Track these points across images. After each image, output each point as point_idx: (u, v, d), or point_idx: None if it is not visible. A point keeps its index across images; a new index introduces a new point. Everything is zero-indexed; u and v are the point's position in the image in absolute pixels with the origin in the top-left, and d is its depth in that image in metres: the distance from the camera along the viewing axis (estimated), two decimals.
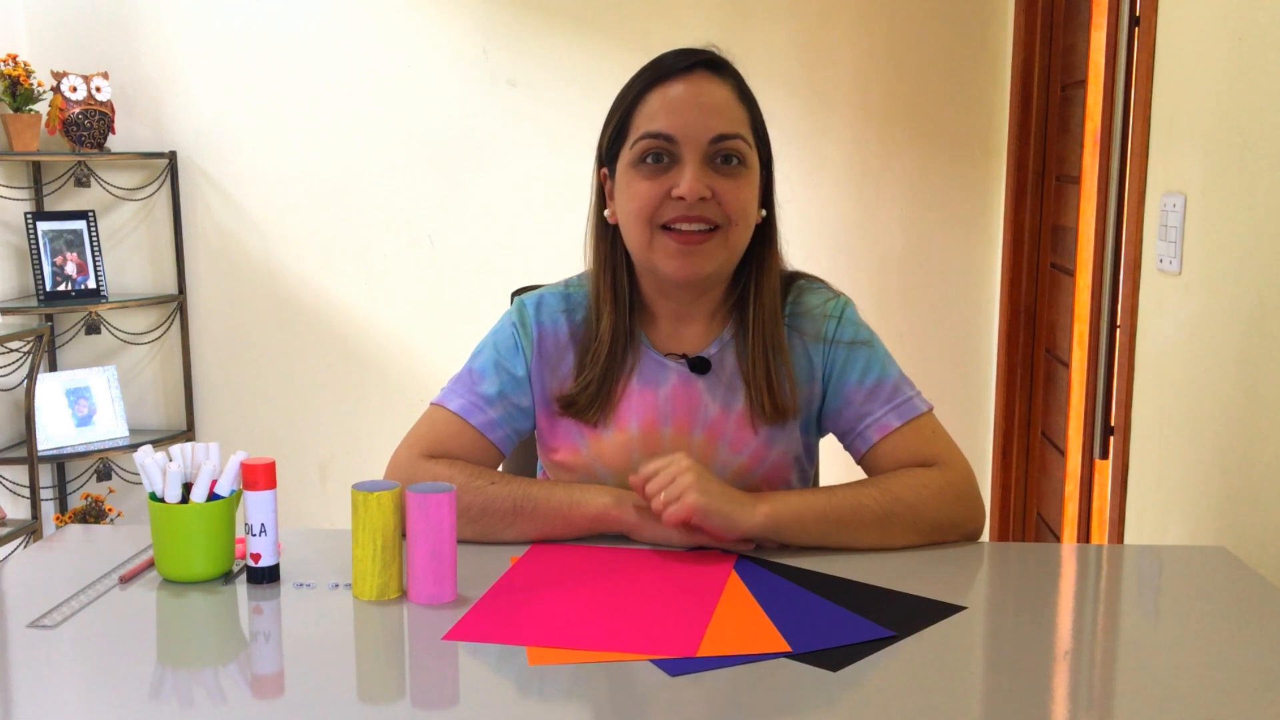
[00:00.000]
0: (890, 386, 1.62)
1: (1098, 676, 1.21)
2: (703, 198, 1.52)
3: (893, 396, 1.62)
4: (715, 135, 1.53)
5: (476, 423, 1.61)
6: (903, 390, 1.63)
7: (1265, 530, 1.65)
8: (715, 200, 1.53)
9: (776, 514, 1.49)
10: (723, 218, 1.54)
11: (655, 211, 1.54)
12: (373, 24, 3.70)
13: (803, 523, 1.50)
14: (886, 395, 1.62)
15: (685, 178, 1.51)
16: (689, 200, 1.51)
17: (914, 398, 1.63)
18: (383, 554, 1.34)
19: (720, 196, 1.53)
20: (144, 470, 1.41)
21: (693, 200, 1.51)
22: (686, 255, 1.54)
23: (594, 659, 1.19)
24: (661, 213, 1.54)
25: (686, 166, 1.52)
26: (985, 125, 3.58)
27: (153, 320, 3.90)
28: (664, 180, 1.53)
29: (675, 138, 1.52)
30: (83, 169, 3.75)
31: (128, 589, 1.40)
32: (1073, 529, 2.93)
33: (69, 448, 3.71)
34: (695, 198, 1.51)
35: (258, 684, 1.18)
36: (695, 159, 1.52)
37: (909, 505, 1.54)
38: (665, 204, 1.53)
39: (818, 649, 1.21)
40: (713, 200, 1.53)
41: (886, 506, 1.53)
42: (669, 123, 1.53)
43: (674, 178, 1.53)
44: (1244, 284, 1.74)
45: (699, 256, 1.54)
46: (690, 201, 1.51)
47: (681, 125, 1.52)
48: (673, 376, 1.64)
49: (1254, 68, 1.72)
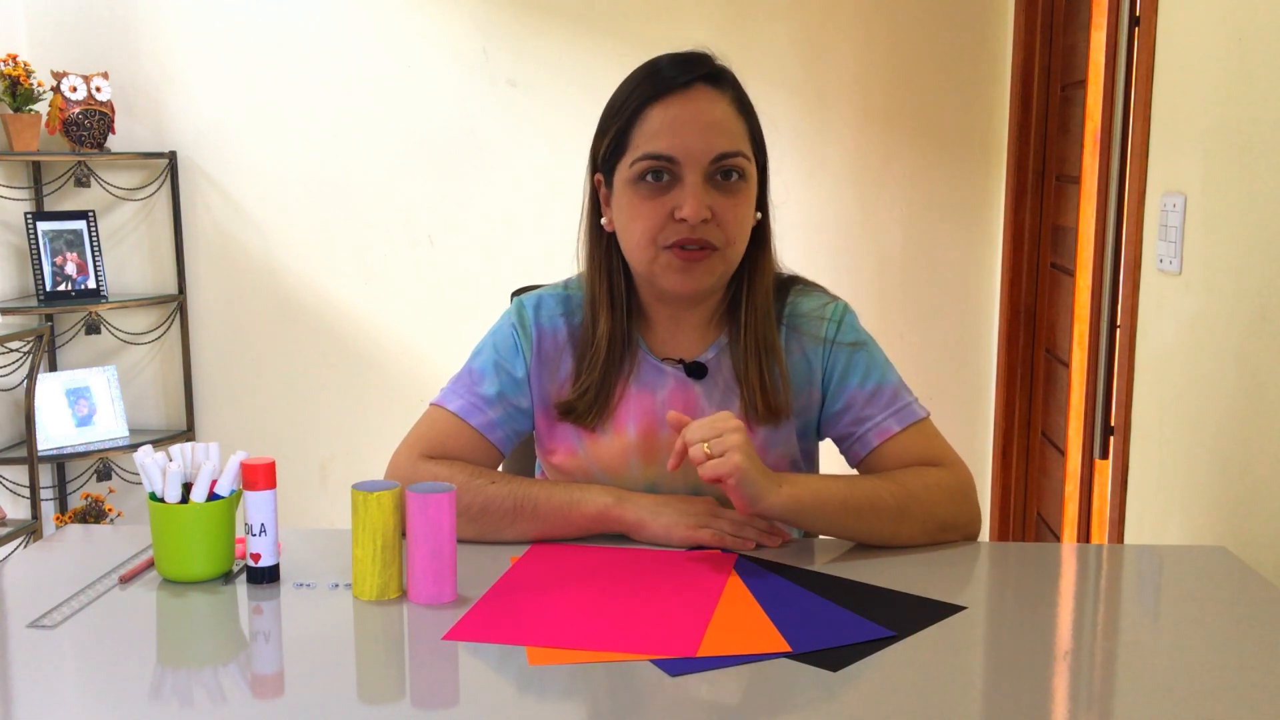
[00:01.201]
0: (890, 391, 1.63)
1: (1098, 677, 1.21)
2: (704, 220, 1.52)
3: (893, 401, 1.62)
4: (717, 155, 1.53)
5: (476, 423, 1.61)
6: (902, 395, 1.63)
7: (1266, 530, 1.65)
8: (715, 221, 1.53)
9: (798, 497, 1.49)
10: (722, 240, 1.54)
11: (659, 232, 1.54)
12: (373, 24, 3.70)
13: (822, 508, 1.50)
14: (886, 400, 1.62)
15: (687, 200, 1.51)
16: (692, 222, 1.51)
17: (912, 403, 1.63)
18: (383, 554, 1.34)
19: (719, 218, 1.53)
20: (144, 470, 1.41)
21: (695, 222, 1.51)
22: (688, 272, 1.54)
23: (594, 659, 1.19)
24: (665, 234, 1.54)
25: (688, 187, 1.52)
26: (985, 125, 3.58)
27: (153, 320, 3.90)
28: (665, 201, 1.53)
29: (677, 159, 1.52)
30: (83, 169, 3.75)
31: (128, 589, 1.40)
32: (1073, 529, 2.93)
33: (69, 448, 3.71)
34: (698, 220, 1.51)
35: (258, 684, 1.18)
36: (696, 179, 1.52)
37: (922, 502, 1.54)
38: (669, 225, 1.53)
39: (818, 649, 1.21)
40: (713, 221, 1.53)
41: (902, 501, 1.53)
42: (670, 144, 1.52)
43: (675, 198, 1.52)
44: (1244, 284, 1.73)
45: (700, 273, 1.55)
46: (693, 224, 1.51)
47: (683, 146, 1.52)
48: (670, 381, 1.64)
49: (1254, 67, 1.72)
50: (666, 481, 1.64)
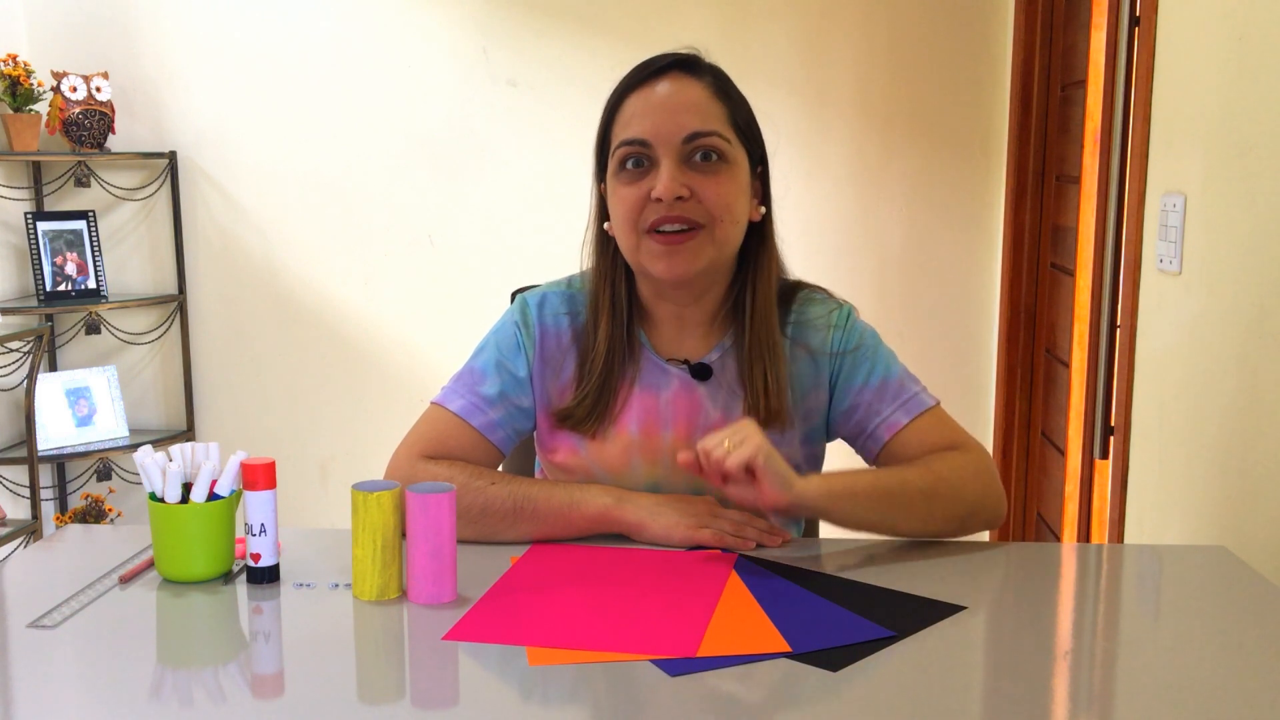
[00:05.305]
0: (895, 384, 1.62)
1: (1098, 677, 1.21)
2: (680, 197, 1.51)
3: (899, 393, 1.62)
4: (689, 134, 1.52)
5: (477, 424, 1.61)
6: (909, 387, 1.63)
7: (1266, 530, 1.65)
8: (695, 199, 1.52)
9: (830, 486, 1.49)
10: (705, 216, 1.53)
11: (639, 216, 1.54)
12: (373, 24, 3.70)
13: (854, 496, 1.50)
14: (893, 393, 1.62)
15: (661, 178, 1.51)
16: (666, 200, 1.51)
17: (920, 393, 1.63)
18: (383, 554, 1.34)
19: (700, 194, 1.52)
20: (144, 470, 1.41)
21: (669, 200, 1.51)
22: (672, 256, 1.54)
23: (594, 659, 1.19)
24: (645, 216, 1.54)
25: (662, 167, 1.52)
26: (985, 125, 3.58)
27: (153, 320, 3.90)
28: (643, 184, 1.53)
29: (649, 141, 1.53)
30: (83, 169, 3.74)
31: (128, 589, 1.40)
32: (1073, 529, 2.93)
33: (69, 448, 3.71)
34: (671, 197, 1.51)
35: (257, 684, 1.18)
36: (670, 159, 1.52)
37: (950, 484, 1.54)
38: (648, 207, 1.53)
39: (818, 649, 1.21)
40: (693, 199, 1.52)
41: (931, 484, 1.53)
42: (641, 127, 1.53)
43: (652, 180, 1.53)
44: (1244, 284, 1.73)
45: (685, 256, 1.54)
46: (668, 201, 1.51)
47: (653, 128, 1.52)
48: (674, 382, 1.63)
49: (1255, 67, 1.72)
50: (668, 481, 1.64)
